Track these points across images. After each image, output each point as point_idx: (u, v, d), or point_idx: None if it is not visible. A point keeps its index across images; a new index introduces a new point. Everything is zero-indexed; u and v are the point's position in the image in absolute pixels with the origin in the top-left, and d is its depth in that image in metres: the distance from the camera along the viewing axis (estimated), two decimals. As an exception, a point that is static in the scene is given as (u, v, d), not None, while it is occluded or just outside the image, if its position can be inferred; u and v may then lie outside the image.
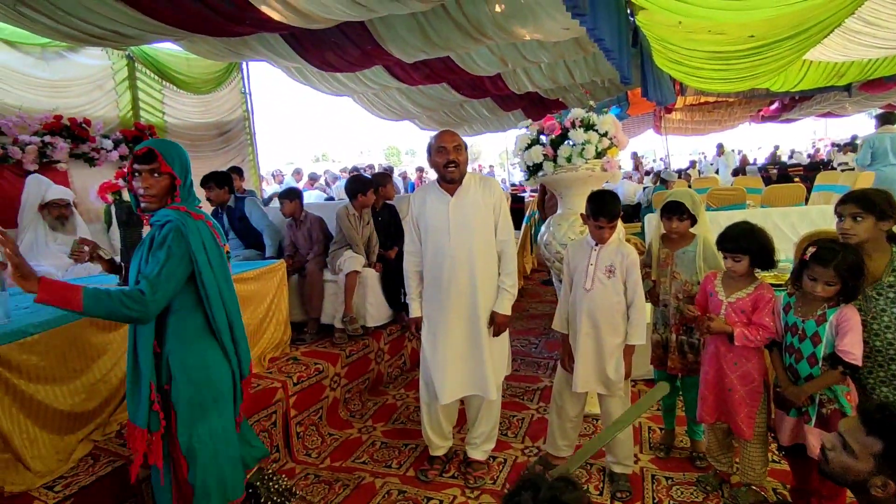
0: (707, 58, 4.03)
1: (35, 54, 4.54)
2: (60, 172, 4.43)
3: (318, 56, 4.44)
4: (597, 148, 3.13)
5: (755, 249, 2.04)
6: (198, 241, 1.69)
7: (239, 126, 6.55)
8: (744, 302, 2.08)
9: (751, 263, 2.07)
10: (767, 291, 2.06)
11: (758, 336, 2.00)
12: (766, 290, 2.06)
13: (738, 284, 2.12)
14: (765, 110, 13.84)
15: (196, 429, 1.72)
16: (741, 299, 2.09)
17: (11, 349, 1.94)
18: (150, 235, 1.72)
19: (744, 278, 2.11)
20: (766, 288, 2.08)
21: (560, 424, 2.52)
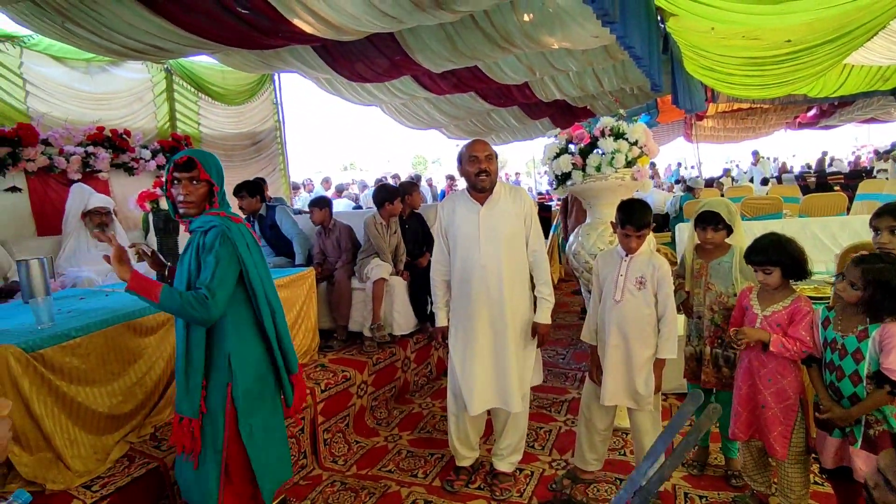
0: (741, 63, 3.93)
1: (80, 69, 4.76)
2: (102, 181, 4.61)
3: (347, 67, 4.52)
4: (627, 157, 3.09)
5: (785, 260, 1.98)
6: (242, 243, 1.80)
7: (270, 136, 6.72)
8: (780, 315, 2.00)
9: (783, 275, 2.00)
10: (805, 304, 1.99)
11: (795, 347, 1.93)
12: (803, 303, 1.99)
13: (773, 297, 2.05)
14: (802, 116, 13.40)
15: (254, 418, 1.84)
16: (777, 312, 2.01)
17: (55, 352, 2.02)
18: (196, 241, 1.80)
19: (779, 291, 2.04)
20: (803, 301, 2.00)
21: (588, 437, 2.47)
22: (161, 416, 2.46)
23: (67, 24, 3.04)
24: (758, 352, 2.05)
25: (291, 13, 2.97)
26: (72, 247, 3.83)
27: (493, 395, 2.44)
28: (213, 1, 2.89)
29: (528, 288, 2.47)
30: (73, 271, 3.59)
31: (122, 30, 3.12)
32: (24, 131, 4.01)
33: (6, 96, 4.23)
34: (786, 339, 1.95)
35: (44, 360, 1.99)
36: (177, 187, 1.78)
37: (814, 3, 2.42)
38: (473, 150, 2.38)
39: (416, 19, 3.12)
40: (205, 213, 1.82)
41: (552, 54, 4.68)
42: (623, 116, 3.27)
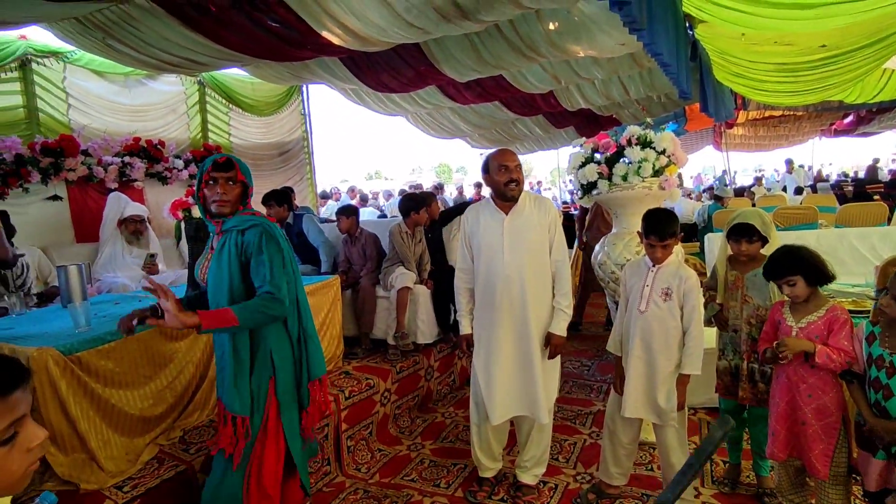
0: (773, 70, 3.84)
1: (119, 82, 4.96)
2: (137, 190, 4.78)
3: (374, 77, 4.59)
4: (654, 166, 3.05)
5: (804, 267, 1.91)
6: (282, 241, 1.87)
7: (298, 146, 6.86)
8: (816, 326, 1.93)
9: (808, 282, 1.93)
10: (842, 312, 1.91)
11: (840, 358, 1.85)
12: (840, 312, 1.91)
13: (807, 308, 1.98)
14: (838, 123, 12.98)
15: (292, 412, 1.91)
16: (813, 323, 1.94)
17: (91, 355, 2.09)
18: (232, 240, 1.82)
19: (812, 301, 1.97)
20: (839, 309, 1.93)
21: (613, 450, 2.42)
22: (189, 419, 2.51)
23: (108, 40, 3.18)
24: (796, 366, 1.97)
25: (321, 26, 3.04)
26: (108, 253, 3.98)
27: (516, 404, 2.42)
28: (246, 16, 2.98)
29: (552, 298, 2.44)
30: (108, 277, 3.72)
31: (159, 44, 3.25)
32: (66, 142, 4.19)
33: (50, 109, 4.43)
34: (830, 349, 1.87)
35: (80, 363, 2.06)
36: (213, 187, 1.83)
37: (848, 8, 2.36)
38: (504, 159, 2.37)
39: (441, 30, 3.16)
40: (239, 213, 1.86)
41: (577, 63, 4.67)
42: (650, 125, 3.23)
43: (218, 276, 1.83)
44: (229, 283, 1.80)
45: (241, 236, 1.81)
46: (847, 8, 2.38)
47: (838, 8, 2.25)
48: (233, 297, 1.79)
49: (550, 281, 2.43)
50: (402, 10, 2.86)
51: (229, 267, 1.80)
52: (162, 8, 2.89)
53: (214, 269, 1.84)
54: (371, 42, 3.25)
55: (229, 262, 1.81)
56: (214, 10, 2.92)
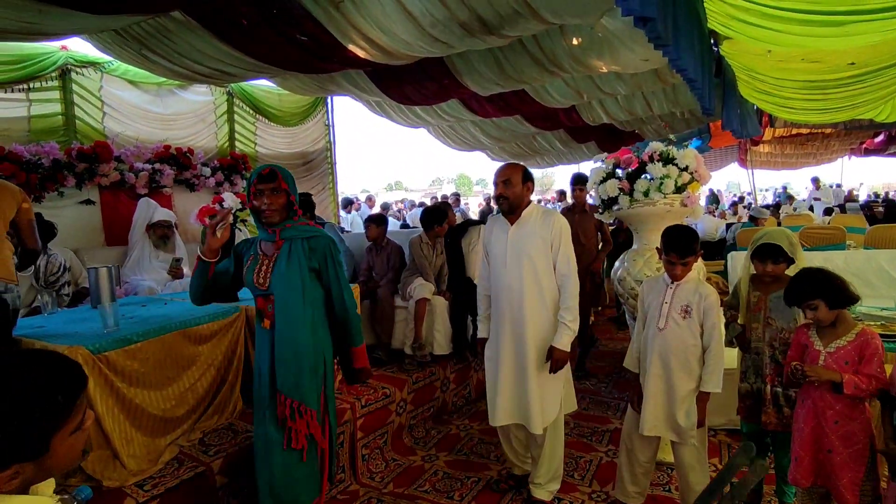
0: (800, 87, 3.78)
1: (152, 92, 5.13)
2: (165, 196, 4.91)
3: (397, 90, 4.67)
4: (676, 182, 3.03)
5: (823, 290, 1.86)
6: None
7: (321, 156, 6.98)
8: (846, 351, 1.87)
9: (830, 306, 1.88)
10: (873, 338, 1.86)
11: (869, 385, 1.79)
12: (871, 337, 1.86)
13: (835, 332, 1.92)
14: (868, 142, 12.68)
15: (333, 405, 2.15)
16: (842, 348, 1.88)
17: (118, 355, 2.15)
18: (298, 248, 1.99)
19: (840, 325, 1.91)
20: (870, 334, 1.87)
21: (630, 469, 2.38)
22: (209, 422, 2.55)
23: (144, 51, 3.30)
24: (822, 391, 1.91)
25: (347, 39, 3.12)
26: (136, 256, 4.09)
27: (513, 412, 2.48)
28: (276, 29, 3.07)
29: (554, 311, 2.44)
30: (136, 279, 3.82)
31: (192, 56, 3.36)
32: (100, 149, 4.34)
33: (87, 117, 4.60)
34: (858, 377, 1.81)
35: (108, 362, 2.12)
36: (259, 198, 1.95)
37: (879, 26, 2.32)
38: (496, 175, 2.51)
39: (466, 44, 3.20)
40: (296, 223, 2.00)
41: (600, 78, 4.67)
42: (673, 141, 3.22)
43: (289, 281, 1.96)
44: (302, 287, 1.96)
45: (308, 243, 1.99)
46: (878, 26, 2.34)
47: (868, 25, 2.22)
48: (305, 299, 1.97)
49: (552, 294, 2.43)
50: (427, 24, 2.91)
51: (300, 272, 1.96)
52: (196, 21, 3.00)
53: (283, 274, 1.96)
54: (396, 56, 3.32)
55: (300, 268, 1.96)
56: (246, 24, 3.02)
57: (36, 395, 0.84)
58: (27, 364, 0.87)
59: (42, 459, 0.85)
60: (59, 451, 0.87)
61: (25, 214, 2.48)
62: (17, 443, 0.82)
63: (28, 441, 0.83)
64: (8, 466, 0.82)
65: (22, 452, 0.83)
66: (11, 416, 0.81)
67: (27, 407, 0.83)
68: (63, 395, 0.87)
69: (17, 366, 0.86)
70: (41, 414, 0.84)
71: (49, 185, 4.04)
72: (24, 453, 0.83)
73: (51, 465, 0.87)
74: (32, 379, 0.85)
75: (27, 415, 0.82)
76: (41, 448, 0.84)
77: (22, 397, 0.83)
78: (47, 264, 3.44)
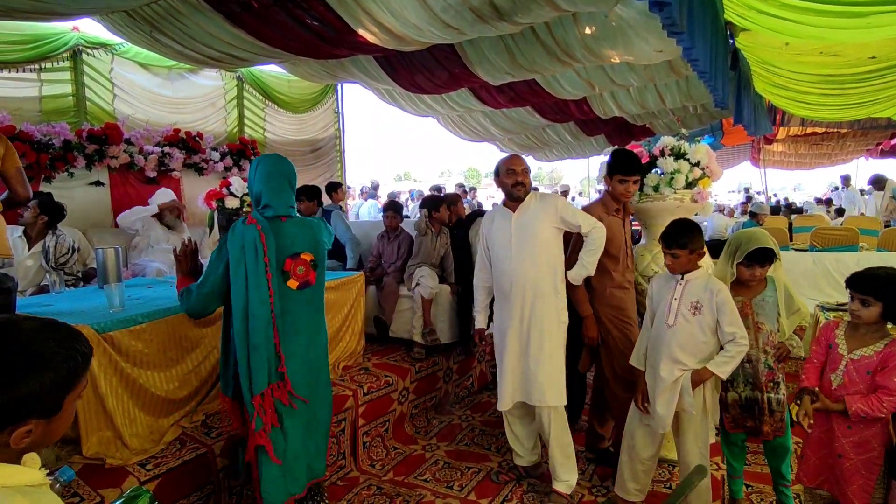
0: (817, 81, 3.70)
1: (162, 75, 5.13)
2: (174, 179, 4.93)
3: (408, 78, 4.63)
4: (687, 178, 2.99)
5: (894, 299, 1.76)
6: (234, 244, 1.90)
7: (330, 143, 6.97)
8: (870, 361, 1.79)
9: (883, 314, 1.79)
10: None
11: (880, 406, 1.72)
12: None
13: (865, 339, 1.84)
14: (885, 143, 12.44)
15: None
16: (867, 357, 1.80)
17: (123, 335, 2.16)
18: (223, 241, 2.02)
19: (873, 332, 1.83)
20: None
21: (631, 466, 2.36)
22: (212, 404, 2.56)
23: (155, 34, 3.29)
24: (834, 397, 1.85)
25: (358, 23, 3.09)
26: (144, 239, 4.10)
27: (518, 391, 2.54)
28: (287, 13, 3.05)
29: (561, 293, 2.52)
30: (144, 261, 3.84)
31: (203, 39, 3.35)
32: (110, 131, 4.36)
33: (97, 98, 4.61)
34: (867, 398, 1.74)
35: (112, 342, 2.12)
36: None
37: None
38: (511, 164, 2.56)
39: (477, 31, 3.16)
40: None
41: (613, 69, 4.61)
42: (685, 136, 3.17)
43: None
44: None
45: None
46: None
47: (892, 17, 2.15)
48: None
49: (559, 276, 2.52)
50: (438, 10, 2.88)
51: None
52: (207, 3, 2.98)
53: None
54: (406, 41, 3.28)
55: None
56: (256, 7, 2.99)
57: (62, 352, 0.88)
58: (50, 325, 0.91)
59: (52, 420, 0.89)
60: (65, 413, 0.92)
61: (12, 161, 2.34)
62: (39, 396, 0.86)
63: (48, 396, 0.87)
64: (26, 420, 0.85)
65: (41, 407, 0.86)
66: (39, 369, 0.85)
67: (54, 361, 0.87)
68: (81, 357, 0.91)
69: (42, 324, 0.90)
70: (66, 371, 0.88)
71: (59, 165, 4.06)
72: (42, 409, 0.87)
73: (55, 427, 0.91)
74: (59, 337, 0.89)
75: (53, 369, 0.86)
76: (56, 406, 0.88)
77: (50, 352, 0.87)
78: (56, 245, 3.46)
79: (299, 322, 1.99)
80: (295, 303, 1.98)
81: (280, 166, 2.08)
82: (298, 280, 1.98)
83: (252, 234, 1.89)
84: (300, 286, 1.99)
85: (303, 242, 2.01)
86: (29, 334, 0.87)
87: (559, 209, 2.51)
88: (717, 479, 2.60)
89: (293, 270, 1.97)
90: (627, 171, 2.59)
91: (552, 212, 2.49)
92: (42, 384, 0.85)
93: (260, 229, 1.89)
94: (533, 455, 2.72)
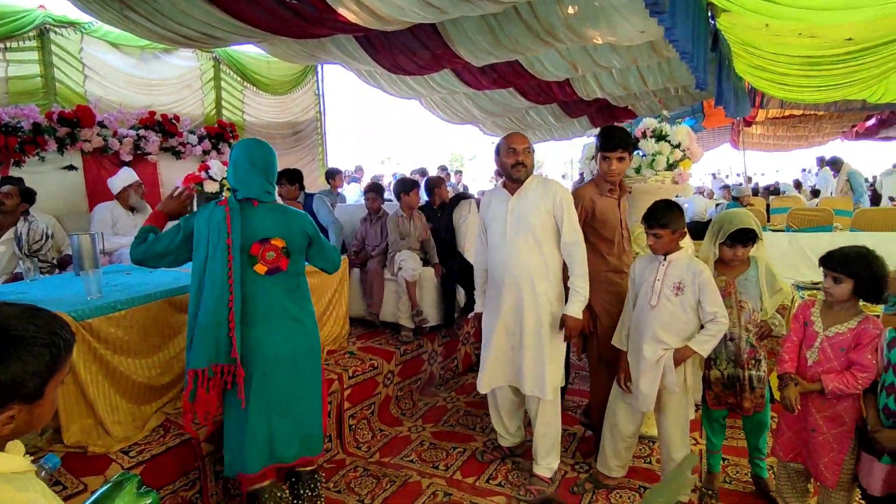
0: (796, 63, 3.74)
1: (135, 55, 4.97)
2: (151, 163, 4.81)
3: (389, 59, 4.55)
4: (668, 159, 3.01)
5: (864, 276, 1.81)
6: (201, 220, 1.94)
7: (311, 126, 6.86)
8: (844, 338, 1.85)
9: (855, 290, 1.84)
10: (874, 327, 1.82)
11: (855, 382, 1.78)
12: (871, 325, 1.82)
13: (839, 316, 1.89)
14: (860, 126, 12.69)
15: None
16: (841, 334, 1.86)
17: (101, 322, 2.12)
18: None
19: (847, 309, 1.88)
20: (871, 322, 1.83)
21: (613, 443, 2.42)
22: (196, 390, 2.54)
23: (126, 11, 3.16)
24: (812, 372, 1.91)
25: (338, 2, 3.02)
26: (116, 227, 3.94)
27: (502, 374, 2.51)
28: (263, -10, 2.96)
29: (556, 281, 2.43)
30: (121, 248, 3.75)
31: (176, 17, 3.23)
32: (82, 113, 4.22)
33: (67, 80, 4.45)
34: (842, 375, 1.81)
35: (91, 329, 2.09)
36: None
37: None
38: (512, 142, 2.42)
39: (459, 9, 3.12)
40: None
41: (595, 50, 4.59)
42: (666, 118, 3.19)
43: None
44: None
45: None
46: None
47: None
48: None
49: (555, 264, 2.42)
50: (420, -11, 2.83)
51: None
52: (180, -21, 2.88)
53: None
54: (388, 21, 3.22)
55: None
56: (232, -16, 2.90)
57: (43, 337, 0.88)
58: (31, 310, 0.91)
59: (34, 405, 0.89)
60: (48, 399, 0.92)
61: None
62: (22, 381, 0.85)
63: (30, 381, 0.86)
64: (8, 406, 0.85)
65: (23, 392, 0.86)
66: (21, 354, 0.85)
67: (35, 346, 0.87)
68: (63, 342, 0.91)
69: (23, 309, 0.90)
70: (48, 356, 0.88)
71: (29, 148, 3.93)
72: (24, 394, 0.86)
73: (38, 414, 0.91)
74: (40, 322, 0.89)
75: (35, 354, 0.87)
76: (38, 391, 0.88)
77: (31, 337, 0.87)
78: (29, 231, 3.37)
79: (271, 308, 1.99)
80: (263, 288, 1.98)
81: (250, 150, 2.06)
82: (267, 265, 1.97)
83: (220, 214, 1.90)
84: (269, 272, 1.98)
85: (275, 228, 2.00)
86: (9, 319, 0.87)
87: (561, 200, 2.36)
88: (695, 453, 2.68)
89: (261, 255, 1.96)
90: (608, 148, 2.48)
91: (553, 200, 2.36)
92: (24, 369, 0.85)
93: (228, 210, 1.89)
94: (517, 436, 2.75)
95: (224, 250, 1.88)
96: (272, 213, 2.03)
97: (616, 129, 2.54)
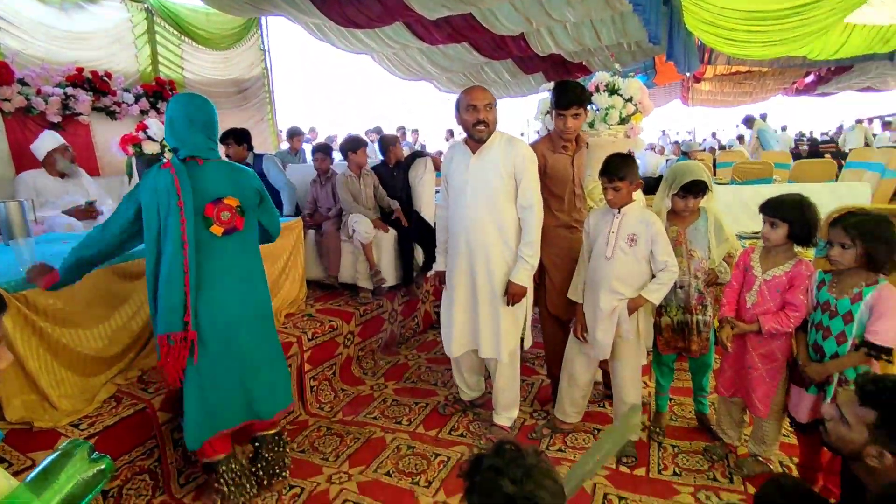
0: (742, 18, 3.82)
1: (55, 5, 4.52)
2: (83, 125, 4.47)
3: (338, 11, 4.34)
4: (621, 113, 3.05)
5: (796, 219, 1.92)
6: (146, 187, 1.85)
7: (258, 84, 6.52)
8: (780, 280, 1.97)
9: (789, 234, 1.95)
10: (806, 269, 1.94)
11: (788, 321, 1.92)
12: (804, 268, 1.95)
13: (776, 260, 2.01)
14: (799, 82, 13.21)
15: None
16: (777, 277, 1.98)
17: (37, 293, 2.00)
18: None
19: (782, 253, 2.00)
20: (804, 265, 1.96)
21: (570, 391, 2.52)
22: (148, 360, 2.47)
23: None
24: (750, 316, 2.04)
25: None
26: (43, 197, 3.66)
27: (467, 339, 2.54)
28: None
29: (514, 245, 2.38)
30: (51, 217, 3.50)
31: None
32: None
33: (-24, 31, 4.02)
34: (777, 315, 1.94)
35: (26, 301, 1.97)
36: None
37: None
38: (472, 98, 2.29)
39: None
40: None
41: (549, 3, 4.53)
42: (619, 72, 3.20)
43: None
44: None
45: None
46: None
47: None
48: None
49: (513, 227, 2.37)
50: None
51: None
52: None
53: None
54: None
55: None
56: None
57: None
58: None
59: None
60: None
61: None
62: None
63: None
64: None
65: None
66: None
67: None
68: None
69: None
70: None
71: (-64, 108, 3.56)
72: None
73: None
74: None
75: None
76: None
77: None
78: (-53, 199, 3.09)
79: (229, 271, 1.93)
80: (221, 250, 1.90)
81: (186, 106, 1.92)
82: (224, 226, 1.88)
83: (166, 178, 1.79)
84: (226, 232, 1.90)
85: (226, 186, 1.90)
86: None
87: (523, 162, 2.30)
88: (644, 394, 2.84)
89: (216, 216, 1.86)
90: (563, 105, 2.40)
91: (512, 163, 2.29)
92: None
93: (174, 173, 1.78)
94: (477, 390, 2.83)
95: (177, 214, 1.78)
96: (221, 171, 1.93)
97: (570, 85, 2.47)
